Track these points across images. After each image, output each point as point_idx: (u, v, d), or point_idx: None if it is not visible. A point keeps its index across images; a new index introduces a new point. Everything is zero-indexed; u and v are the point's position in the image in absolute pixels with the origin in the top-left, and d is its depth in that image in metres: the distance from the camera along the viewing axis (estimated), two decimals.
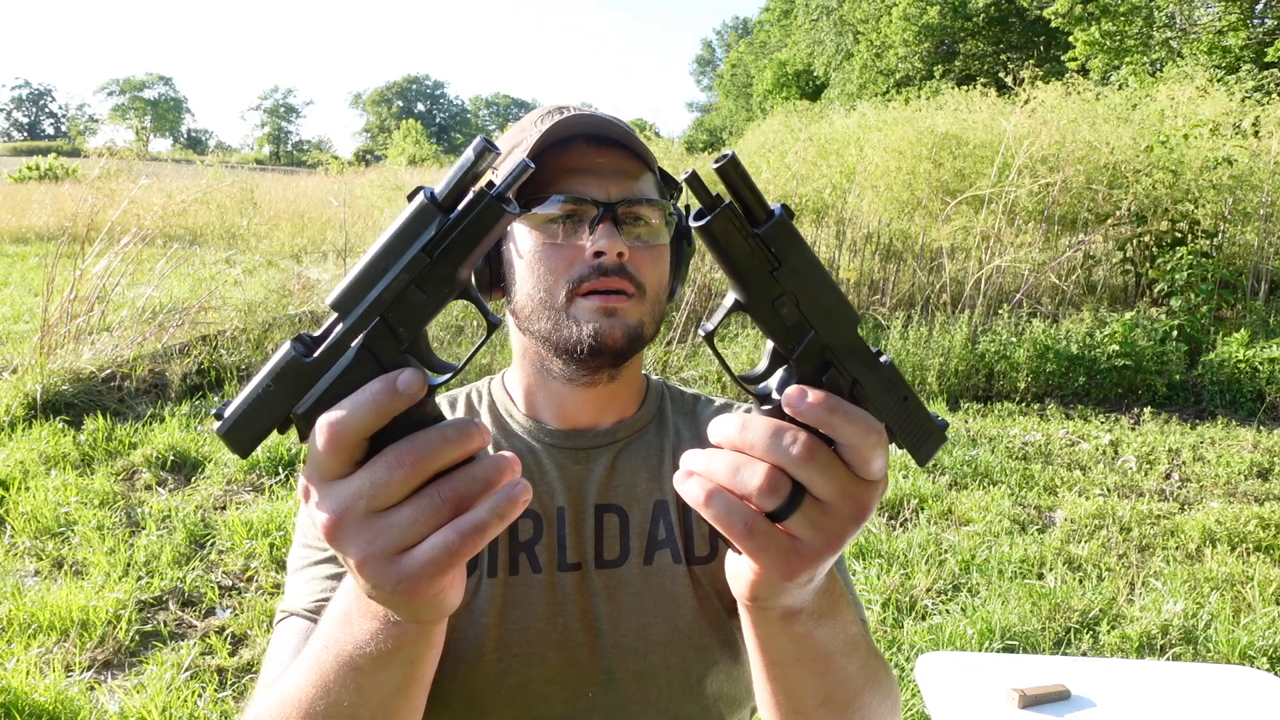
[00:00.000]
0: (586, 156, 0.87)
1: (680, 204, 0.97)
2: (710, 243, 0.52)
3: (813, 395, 0.51)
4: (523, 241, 0.88)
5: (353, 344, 0.51)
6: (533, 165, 0.50)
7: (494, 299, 0.92)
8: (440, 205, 0.50)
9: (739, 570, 0.59)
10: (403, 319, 0.51)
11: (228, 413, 0.51)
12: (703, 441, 0.93)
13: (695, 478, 0.55)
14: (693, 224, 0.52)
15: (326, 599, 0.85)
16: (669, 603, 0.90)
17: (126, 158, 8.28)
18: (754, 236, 0.52)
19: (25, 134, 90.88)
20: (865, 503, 0.53)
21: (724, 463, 0.53)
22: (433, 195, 0.51)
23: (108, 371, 5.49)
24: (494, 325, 0.54)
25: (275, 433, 0.52)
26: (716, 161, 0.50)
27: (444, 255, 0.51)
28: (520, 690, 0.86)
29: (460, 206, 0.51)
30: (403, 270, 0.51)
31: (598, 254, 0.84)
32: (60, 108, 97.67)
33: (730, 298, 0.55)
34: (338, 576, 0.86)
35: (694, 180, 0.52)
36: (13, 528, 3.74)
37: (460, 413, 1.00)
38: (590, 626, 0.88)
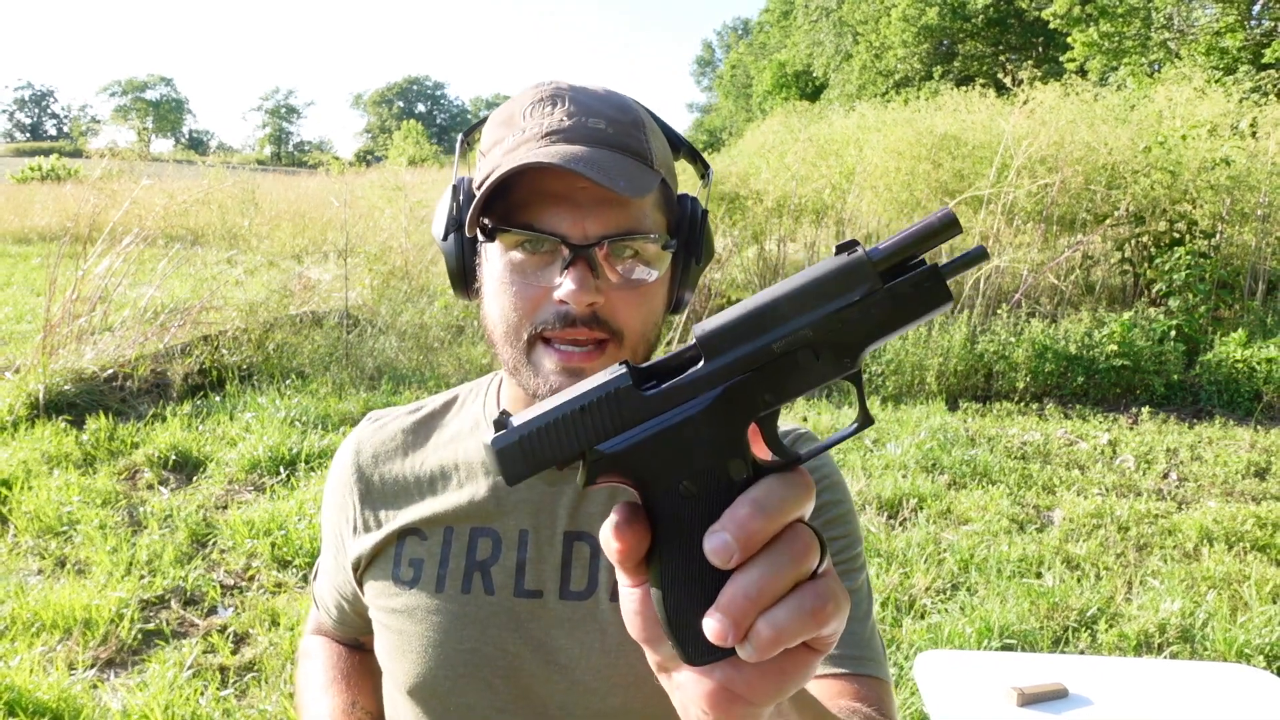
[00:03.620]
0: (567, 180, 0.74)
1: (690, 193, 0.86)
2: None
3: None
4: (491, 258, 0.79)
5: (707, 393, 0.42)
6: None
7: (471, 298, 0.84)
8: (876, 267, 0.43)
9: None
10: (777, 383, 0.43)
11: (515, 423, 0.43)
12: None
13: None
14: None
15: (330, 610, 1.00)
16: (634, 644, 0.82)
17: (128, 158, 8.27)
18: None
19: (28, 135, 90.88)
20: None
21: None
22: (873, 254, 0.44)
23: (110, 371, 5.50)
24: (867, 424, 0.46)
25: (555, 468, 0.43)
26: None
27: (861, 325, 0.43)
28: (466, 712, 0.83)
29: (904, 277, 0.43)
30: (806, 327, 0.43)
31: (563, 301, 0.74)
32: (62, 109, 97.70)
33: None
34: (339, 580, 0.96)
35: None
36: (16, 527, 3.75)
37: (464, 417, 0.93)
38: (547, 659, 0.82)
